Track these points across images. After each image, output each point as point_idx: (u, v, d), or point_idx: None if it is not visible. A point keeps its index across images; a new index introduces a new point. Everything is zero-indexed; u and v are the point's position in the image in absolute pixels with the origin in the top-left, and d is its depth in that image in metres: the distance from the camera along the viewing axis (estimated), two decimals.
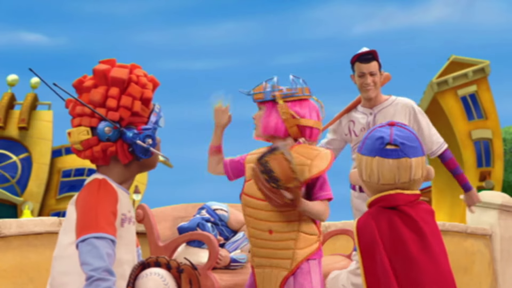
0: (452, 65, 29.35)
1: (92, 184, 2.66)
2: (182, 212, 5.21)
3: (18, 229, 4.07)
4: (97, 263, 2.45)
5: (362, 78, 4.68)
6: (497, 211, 7.36)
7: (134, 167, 2.76)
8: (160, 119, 2.76)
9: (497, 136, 28.94)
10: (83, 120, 2.66)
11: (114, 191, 2.65)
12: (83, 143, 2.65)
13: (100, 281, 2.43)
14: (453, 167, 4.99)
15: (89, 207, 2.56)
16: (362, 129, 4.74)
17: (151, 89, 2.74)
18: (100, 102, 2.65)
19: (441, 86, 28.83)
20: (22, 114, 25.60)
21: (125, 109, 2.65)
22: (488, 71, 28.93)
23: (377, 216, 2.75)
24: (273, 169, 3.45)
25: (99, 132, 2.64)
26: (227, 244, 4.98)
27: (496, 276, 7.35)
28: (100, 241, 2.49)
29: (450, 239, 6.95)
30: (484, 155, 28.66)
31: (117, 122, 2.65)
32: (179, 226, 5.00)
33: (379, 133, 2.77)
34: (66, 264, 2.61)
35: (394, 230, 2.74)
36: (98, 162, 2.72)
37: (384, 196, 2.77)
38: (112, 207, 2.60)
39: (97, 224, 2.52)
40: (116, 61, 2.77)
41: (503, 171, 29.06)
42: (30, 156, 25.67)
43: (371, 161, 2.75)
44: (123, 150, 2.67)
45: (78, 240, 2.51)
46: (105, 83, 2.67)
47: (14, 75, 26.35)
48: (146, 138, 2.69)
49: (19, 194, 25.22)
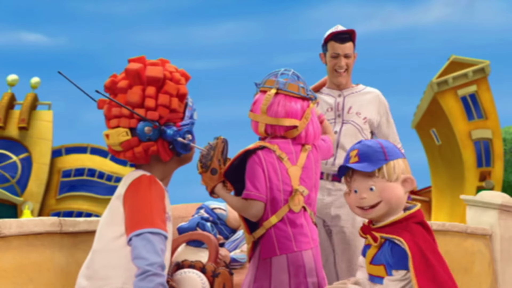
0: (452, 65, 29.36)
1: (143, 180, 2.64)
2: (182, 212, 5.21)
3: (18, 229, 4.07)
4: (153, 258, 2.46)
5: (336, 59, 4.41)
6: (497, 211, 7.35)
7: (174, 163, 2.77)
8: (194, 112, 2.76)
9: (497, 136, 28.94)
10: (122, 121, 2.65)
11: (162, 188, 2.66)
12: (123, 144, 2.64)
13: (155, 276, 2.45)
14: None
15: (143, 203, 2.56)
16: (328, 109, 4.52)
17: (184, 83, 2.74)
18: (138, 102, 2.64)
19: (441, 86, 28.83)
20: (22, 114, 25.59)
21: (163, 108, 2.65)
22: (488, 71, 28.93)
23: (415, 233, 2.86)
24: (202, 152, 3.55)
25: (140, 132, 2.63)
26: (227, 243, 4.99)
27: (496, 276, 7.35)
28: (155, 237, 2.50)
29: (450, 239, 6.94)
30: (484, 155, 28.65)
31: (156, 121, 2.64)
32: (179, 226, 5.01)
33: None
34: (111, 257, 2.59)
35: (427, 243, 2.87)
36: (139, 161, 2.71)
37: (415, 213, 2.91)
38: (163, 204, 2.61)
39: (152, 220, 2.53)
40: (146, 57, 2.76)
41: (503, 171, 29.05)
42: (30, 156, 25.65)
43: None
44: (164, 148, 2.68)
45: (132, 234, 2.50)
46: (140, 82, 2.66)
47: (14, 75, 26.34)
48: (185, 134, 2.70)
49: (19, 194, 25.21)
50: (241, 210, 3.59)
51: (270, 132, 3.68)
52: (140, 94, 2.64)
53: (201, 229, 4.91)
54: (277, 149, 3.64)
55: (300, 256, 3.59)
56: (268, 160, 3.61)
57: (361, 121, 4.51)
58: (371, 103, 4.56)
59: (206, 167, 3.56)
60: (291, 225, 3.61)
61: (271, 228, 3.59)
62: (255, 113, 3.69)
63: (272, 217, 3.59)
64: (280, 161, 3.63)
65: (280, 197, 3.60)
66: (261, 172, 3.58)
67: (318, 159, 3.79)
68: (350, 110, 4.51)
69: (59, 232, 4.25)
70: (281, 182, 3.61)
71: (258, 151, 3.62)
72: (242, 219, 3.67)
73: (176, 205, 5.30)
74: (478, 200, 7.41)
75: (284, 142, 3.67)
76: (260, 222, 3.61)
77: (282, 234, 3.59)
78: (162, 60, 2.76)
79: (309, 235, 3.65)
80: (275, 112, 3.64)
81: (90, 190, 24.95)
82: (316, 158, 3.76)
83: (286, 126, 3.65)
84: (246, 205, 3.56)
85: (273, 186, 3.59)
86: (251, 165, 3.60)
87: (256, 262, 3.61)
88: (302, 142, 3.70)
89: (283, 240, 3.58)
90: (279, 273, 3.56)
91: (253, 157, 3.61)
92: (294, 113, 3.65)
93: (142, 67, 2.67)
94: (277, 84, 3.68)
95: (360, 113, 4.52)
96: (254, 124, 3.71)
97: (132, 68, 2.66)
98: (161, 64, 2.72)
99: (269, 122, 3.65)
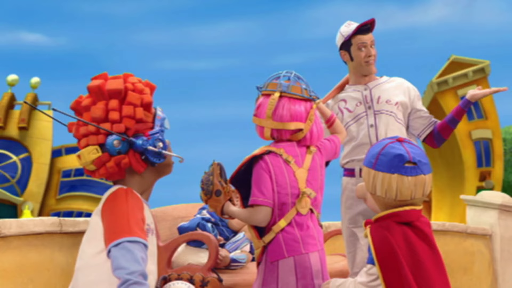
0: (452, 65, 29.36)
1: (119, 193, 2.62)
2: (182, 212, 5.21)
3: (18, 229, 4.07)
4: (133, 266, 2.42)
5: (365, 49, 4.37)
6: (497, 211, 7.35)
7: (150, 174, 2.74)
8: (164, 121, 2.75)
9: (497, 136, 28.94)
10: (90, 139, 2.63)
11: (140, 200, 2.64)
12: (95, 162, 2.62)
13: (136, 285, 2.40)
14: (450, 117, 4.81)
15: (120, 214, 2.54)
16: (358, 104, 4.44)
17: (149, 93, 2.73)
18: (102, 117, 2.62)
19: (441, 86, 28.83)
20: (22, 114, 25.57)
21: (128, 119, 2.64)
22: (488, 71, 28.93)
23: (391, 230, 2.81)
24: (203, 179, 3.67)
25: (109, 147, 2.61)
26: (227, 244, 4.98)
27: (496, 276, 7.35)
28: (134, 245, 2.47)
29: (450, 239, 6.94)
30: (484, 155, 28.65)
31: (124, 133, 2.64)
32: (179, 226, 5.01)
33: (396, 150, 2.84)
34: (94, 273, 2.54)
35: (410, 245, 2.82)
36: (114, 177, 2.69)
37: (399, 212, 2.85)
38: (141, 214, 2.59)
39: (130, 229, 2.50)
40: (108, 74, 2.75)
41: (503, 171, 29.05)
42: (30, 156, 25.64)
43: (389, 178, 2.82)
44: (136, 160, 2.66)
45: (111, 245, 2.47)
46: (103, 97, 2.65)
47: (14, 75, 26.33)
48: (156, 142, 2.68)
49: (19, 194, 25.19)
50: (249, 219, 3.59)
51: (276, 136, 3.67)
52: (103, 108, 2.62)
53: (202, 229, 4.90)
54: (284, 153, 3.63)
55: (307, 258, 3.59)
56: (275, 165, 3.59)
57: (393, 107, 4.43)
58: (397, 88, 4.51)
59: (210, 192, 3.59)
60: (298, 227, 3.60)
61: (280, 231, 3.58)
62: (260, 118, 3.67)
63: (281, 221, 3.58)
64: (287, 164, 3.61)
65: (288, 201, 3.59)
66: (267, 177, 3.57)
67: (323, 160, 3.78)
68: (379, 100, 4.45)
69: (59, 232, 4.25)
70: (289, 186, 3.59)
71: (264, 156, 3.60)
72: (251, 226, 3.66)
73: (176, 205, 5.30)
74: (478, 200, 7.41)
75: (290, 145, 3.66)
76: (269, 226, 3.60)
77: (290, 237, 3.58)
78: (125, 74, 2.75)
79: (316, 237, 3.65)
80: (280, 116, 3.63)
81: (90, 190, 24.95)
82: (321, 160, 3.76)
83: (292, 130, 3.64)
84: (252, 212, 3.55)
85: (281, 190, 3.57)
86: (257, 171, 3.58)
87: (264, 266, 3.61)
88: (307, 144, 3.69)
89: (291, 243, 3.57)
90: (286, 275, 3.55)
91: (260, 162, 3.59)
92: (299, 116, 3.64)
93: (103, 82, 2.66)
94: (280, 87, 3.66)
95: (390, 100, 4.44)
96: (260, 129, 3.69)
97: (93, 85, 2.65)
98: (123, 77, 2.71)
99: (275, 126, 3.63)
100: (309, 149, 3.70)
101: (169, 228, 5.00)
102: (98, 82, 2.66)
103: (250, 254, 5.02)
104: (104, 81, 2.67)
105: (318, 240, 3.65)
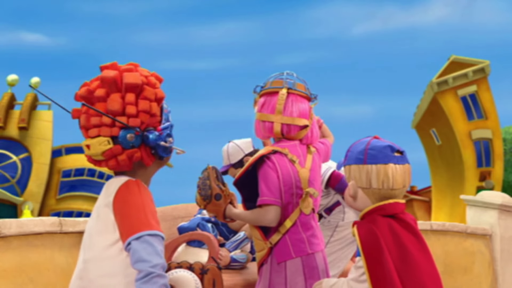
0: (452, 65, 29.38)
1: (131, 185, 2.64)
2: (182, 212, 5.21)
3: (18, 229, 4.07)
4: (155, 259, 2.47)
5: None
6: (497, 211, 7.35)
7: (154, 167, 2.77)
8: (169, 114, 2.77)
9: (497, 136, 28.95)
10: (102, 130, 2.62)
11: (150, 191, 2.67)
12: (106, 153, 2.62)
13: (158, 277, 2.46)
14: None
15: (136, 207, 2.57)
16: None
17: (159, 87, 2.73)
18: (120, 110, 2.62)
19: (441, 86, 28.85)
20: (22, 114, 25.58)
21: (144, 113, 2.64)
22: (488, 71, 28.95)
23: (377, 223, 2.89)
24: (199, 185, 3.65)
25: (122, 140, 2.61)
26: (227, 244, 4.98)
27: (496, 276, 7.35)
28: (154, 238, 2.51)
29: (450, 239, 6.94)
30: (484, 155, 28.66)
31: (138, 127, 2.64)
32: (179, 226, 5.00)
33: (382, 143, 2.96)
34: (108, 265, 2.57)
35: (396, 235, 2.90)
36: (122, 169, 2.69)
37: (383, 205, 2.94)
38: (154, 206, 2.62)
39: (149, 222, 2.54)
40: (118, 63, 2.75)
41: (503, 171, 29.06)
42: (30, 156, 25.65)
43: (384, 168, 2.92)
44: (147, 154, 2.68)
45: (131, 238, 2.50)
46: (117, 89, 2.64)
47: (14, 75, 26.34)
48: (167, 137, 2.70)
49: (19, 194, 25.21)
50: (257, 219, 3.55)
51: (286, 131, 3.65)
52: (120, 101, 2.62)
53: (202, 229, 4.90)
54: (289, 153, 3.62)
55: (313, 258, 3.59)
56: (281, 164, 3.58)
57: None
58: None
59: (208, 197, 3.57)
60: (303, 227, 3.60)
61: (286, 232, 3.58)
62: (268, 113, 3.66)
63: (286, 221, 3.57)
64: (292, 164, 3.61)
65: (293, 201, 3.58)
66: (275, 177, 3.55)
67: (321, 161, 3.79)
68: None
69: (59, 232, 4.25)
70: (294, 186, 3.59)
71: (271, 155, 3.59)
72: (255, 227, 3.63)
73: (176, 205, 5.29)
74: (478, 200, 7.41)
75: (293, 145, 3.66)
76: (275, 227, 3.59)
77: (297, 237, 3.57)
78: (133, 64, 2.75)
79: (319, 236, 3.66)
80: (290, 111, 3.63)
81: (90, 190, 24.96)
82: (319, 161, 3.76)
83: (300, 126, 3.65)
84: (262, 213, 3.52)
85: (287, 189, 3.57)
86: (264, 170, 3.56)
87: (269, 268, 3.59)
88: (308, 143, 3.70)
89: (298, 243, 3.57)
90: (295, 275, 3.55)
91: (267, 162, 3.58)
92: (304, 113, 3.66)
93: (118, 74, 2.65)
94: (286, 84, 3.67)
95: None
96: (268, 125, 3.66)
97: (108, 75, 2.64)
98: (134, 69, 2.71)
99: (285, 121, 3.63)
100: (309, 149, 3.70)
101: (169, 228, 4.99)
102: (112, 73, 2.64)
103: (250, 254, 5.02)
104: (119, 73, 2.66)
105: (321, 239, 3.66)
